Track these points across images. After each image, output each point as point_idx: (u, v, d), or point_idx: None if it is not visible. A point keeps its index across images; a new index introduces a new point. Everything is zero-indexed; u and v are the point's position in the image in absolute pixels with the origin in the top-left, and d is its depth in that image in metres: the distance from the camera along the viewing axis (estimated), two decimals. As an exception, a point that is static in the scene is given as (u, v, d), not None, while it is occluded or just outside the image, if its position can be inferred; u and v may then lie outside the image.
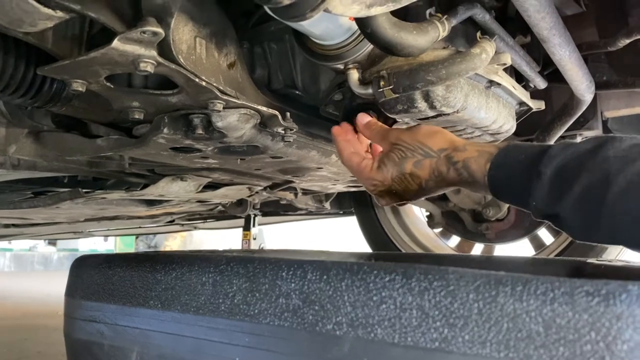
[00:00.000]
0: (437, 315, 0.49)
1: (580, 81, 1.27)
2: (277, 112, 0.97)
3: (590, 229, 0.65)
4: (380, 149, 0.96)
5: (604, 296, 0.43)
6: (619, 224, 0.61)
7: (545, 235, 2.43)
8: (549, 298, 0.45)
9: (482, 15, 0.96)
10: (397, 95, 0.89)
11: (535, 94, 1.29)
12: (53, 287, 5.90)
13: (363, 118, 0.93)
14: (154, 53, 0.75)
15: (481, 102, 1.03)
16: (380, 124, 0.92)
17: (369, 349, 0.52)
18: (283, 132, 1.03)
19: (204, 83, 0.83)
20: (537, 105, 1.27)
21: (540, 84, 1.28)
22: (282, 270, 0.60)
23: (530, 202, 0.70)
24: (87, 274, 0.81)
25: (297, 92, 1.15)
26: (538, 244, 2.44)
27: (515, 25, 1.22)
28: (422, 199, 0.89)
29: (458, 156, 0.78)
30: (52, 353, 2.37)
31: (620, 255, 2.09)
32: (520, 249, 2.58)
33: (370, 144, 0.99)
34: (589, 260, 0.96)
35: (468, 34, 1.01)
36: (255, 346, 0.59)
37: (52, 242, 10.34)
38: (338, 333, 0.54)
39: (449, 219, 2.46)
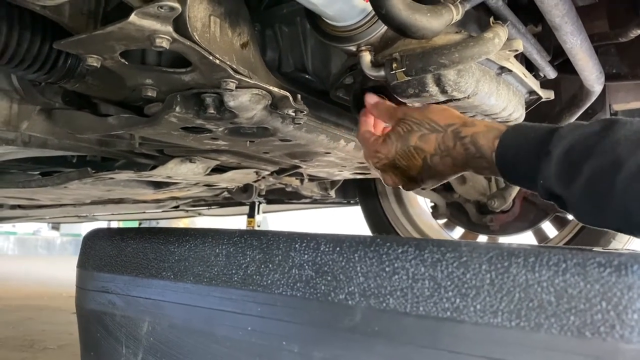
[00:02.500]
0: (449, 285, 0.50)
1: (590, 71, 1.27)
2: (288, 94, 0.97)
3: (599, 214, 0.65)
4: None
5: (615, 267, 0.44)
6: (631, 209, 0.60)
7: (549, 228, 2.43)
8: (561, 269, 0.46)
9: (495, 1, 0.96)
10: (409, 78, 0.89)
11: (544, 85, 1.29)
12: (56, 270, 5.94)
13: (371, 98, 0.93)
14: (170, 29, 0.76)
15: (492, 88, 1.03)
16: (388, 102, 0.92)
17: (381, 318, 0.53)
18: (293, 114, 1.04)
19: (217, 61, 0.84)
20: (546, 94, 1.28)
21: (550, 73, 1.28)
22: (296, 242, 0.61)
23: (538, 181, 0.69)
24: (100, 246, 0.82)
25: (308, 75, 1.15)
26: (542, 237, 2.45)
27: (527, 14, 1.22)
28: (427, 187, 0.88)
29: (466, 131, 0.78)
30: (56, 331, 2.40)
31: (626, 246, 2.10)
32: (524, 241, 2.59)
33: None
34: (595, 248, 0.97)
35: (480, 20, 1.01)
36: (267, 316, 0.60)
37: (56, 227, 10.40)
38: (350, 303, 0.55)
39: (453, 210, 2.46)
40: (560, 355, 0.44)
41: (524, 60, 1.24)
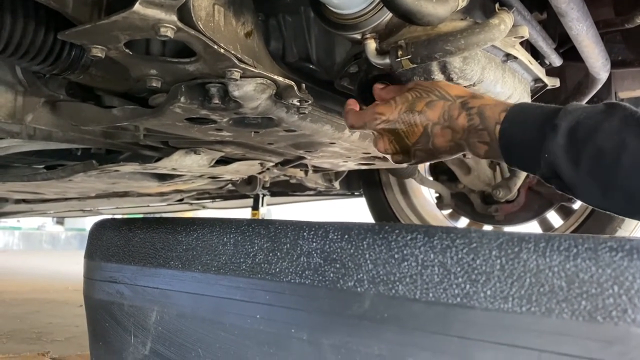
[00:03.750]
0: (459, 271, 0.50)
1: (596, 58, 1.26)
2: (293, 83, 0.97)
3: (604, 194, 0.64)
4: None
5: (627, 251, 0.44)
6: (635, 190, 0.60)
7: (554, 218, 2.43)
8: (573, 254, 0.45)
9: (500, -13, 0.96)
10: (414, 65, 0.88)
11: (549, 73, 1.28)
12: (61, 264, 5.97)
13: (379, 85, 0.95)
14: (174, 18, 0.75)
15: (497, 76, 1.03)
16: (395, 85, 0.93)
17: (390, 305, 0.53)
18: (298, 103, 1.04)
19: (222, 50, 0.83)
20: (552, 82, 1.27)
21: (556, 60, 1.27)
22: (304, 230, 0.61)
23: (542, 155, 0.69)
24: (107, 236, 0.83)
25: (312, 65, 1.15)
26: (547, 227, 2.45)
27: (532, 1, 1.21)
28: (416, 162, 0.87)
29: (474, 102, 0.79)
30: (63, 324, 2.41)
31: (633, 234, 2.09)
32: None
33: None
34: (603, 236, 0.96)
35: (486, 6, 1.01)
36: (276, 304, 0.60)
37: (60, 222, 10.44)
38: (359, 290, 0.55)
39: (458, 201, 2.46)
40: (571, 340, 0.44)
41: (529, 47, 1.23)
